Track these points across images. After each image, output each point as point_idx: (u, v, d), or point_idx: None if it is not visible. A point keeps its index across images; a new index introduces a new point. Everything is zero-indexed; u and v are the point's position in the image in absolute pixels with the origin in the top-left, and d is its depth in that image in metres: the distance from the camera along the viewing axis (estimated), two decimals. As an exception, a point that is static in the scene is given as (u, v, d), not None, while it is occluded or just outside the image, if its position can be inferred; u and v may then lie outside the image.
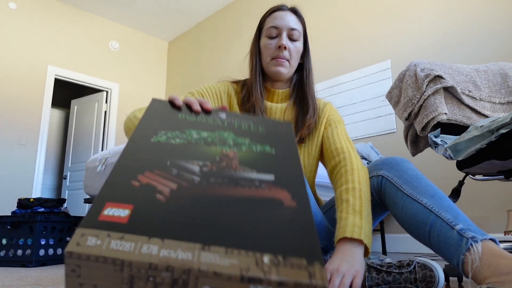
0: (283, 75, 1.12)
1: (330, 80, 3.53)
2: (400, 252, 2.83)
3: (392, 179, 0.92)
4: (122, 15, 5.12)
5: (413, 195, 0.86)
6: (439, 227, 0.78)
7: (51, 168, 6.18)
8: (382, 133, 3.07)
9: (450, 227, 0.76)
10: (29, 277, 1.45)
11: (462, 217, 0.78)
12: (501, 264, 0.67)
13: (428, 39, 2.96)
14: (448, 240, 0.75)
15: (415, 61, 1.34)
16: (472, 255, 0.70)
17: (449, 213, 0.79)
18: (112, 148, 2.61)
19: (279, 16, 1.14)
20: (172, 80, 5.62)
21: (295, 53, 1.14)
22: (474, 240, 0.72)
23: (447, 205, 0.81)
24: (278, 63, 1.11)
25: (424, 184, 0.87)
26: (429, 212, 0.81)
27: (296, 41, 1.14)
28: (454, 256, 0.74)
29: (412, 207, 0.85)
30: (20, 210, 2.16)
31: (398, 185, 0.90)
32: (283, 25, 1.12)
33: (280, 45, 1.10)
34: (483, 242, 0.72)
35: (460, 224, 0.76)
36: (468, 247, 0.71)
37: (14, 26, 4.37)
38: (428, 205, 0.82)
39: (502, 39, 2.58)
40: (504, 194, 2.42)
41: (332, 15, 3.64)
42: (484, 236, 0.73)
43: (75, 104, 5.36)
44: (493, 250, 0.70)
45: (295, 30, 1.13)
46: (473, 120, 1.26)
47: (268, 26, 1.14)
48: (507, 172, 1.18)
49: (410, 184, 0.88)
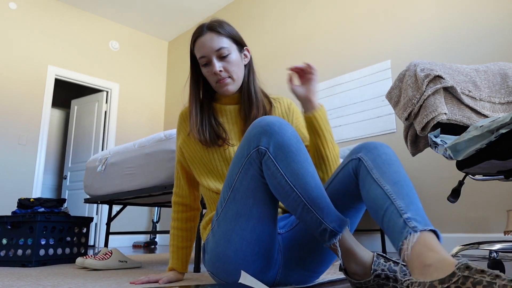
0: (231, 92, 1.20)
1: (330, 80, 3.53)
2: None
3: (366, 162, 0.95)
4: (122, 15, 5.12)
5: (378, 180, 0.89)
6: (390, 213, 0.82)
7: (51, 168, 6.18)
8: (382, 133, 3.08)
9: (400, 215, 0.80)
10: (29, 277, 1.45)
11: (414, 206, 0.81)
12: (427, 256, 0.71)
13: (428, 39, 2.96)
14: (394, 227, 0.79)
15: (415, 61, 1.34)
16: (406, 244, 0.74)
17: (403, 201, 0.82)
18: (112, 148, 2.61)
19: (202, 44, 1.18)
20: (172, 80, 5.62)
21: (233, 66, 1.18)
22: (414, 230, 0.75)
23: (405, 193, 0.84)
24: (222, 84, 1.18)
25: (392, 170, 0.90)
26: (386, 198, 0.84)
27: (227, 56, 1.18)
28: (395, 243, 0.78)
29: (375, 192, 0.88)
30: (20, 210, 2.16)
31: (369, 168, 0.93)
32: (208, 51, 1.17)
33: (215, 72, 1.16)
34: (422, 233, 0.75)
35: (409, 213, 0.79)
36: (406, 235, 0.75)
37: (14, 26, 4.37)
38: (388, 191, 0.85)
39: (502, 39, 2.58)
40: (504, 194, 2.42)
41: (332, 15, 3.64)
42: (425, 227, 0.76)
43: (75, 104, 5.36)
44: (427, 242, 0.74)
45: (221, 49, 1.17)
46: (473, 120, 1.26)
47: (198, 57, 1.19)
48: (507, 172, 1.18)
49: (379, 169, 0.91)
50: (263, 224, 0.97)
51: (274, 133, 0.92)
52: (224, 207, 1.01)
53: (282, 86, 3.98)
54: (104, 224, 4.73)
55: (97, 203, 2.42)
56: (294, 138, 0.93)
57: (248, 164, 0.96)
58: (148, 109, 5.45)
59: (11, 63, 4.29)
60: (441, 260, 0.69)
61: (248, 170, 0.96)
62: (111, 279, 1.36)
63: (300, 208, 0.89)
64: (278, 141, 0.91)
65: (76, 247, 2.23)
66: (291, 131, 0.94)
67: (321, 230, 0.87)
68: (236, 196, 0.98)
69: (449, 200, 1.27)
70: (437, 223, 2.68)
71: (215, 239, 1.03)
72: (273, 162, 0.91)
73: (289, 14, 4.06)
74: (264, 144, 0.92)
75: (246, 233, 0.97)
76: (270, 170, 0.91)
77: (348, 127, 3.31)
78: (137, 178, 2.01)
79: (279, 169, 0.90)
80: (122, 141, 5.10)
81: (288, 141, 0.91)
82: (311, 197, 0.88)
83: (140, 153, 2.00)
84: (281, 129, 0.93)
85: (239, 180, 0.98)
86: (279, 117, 1.00)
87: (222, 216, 1.02)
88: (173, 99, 5.49)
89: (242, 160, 0.97)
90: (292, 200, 0.89)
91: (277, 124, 0.93)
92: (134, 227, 5.00)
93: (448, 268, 0.67)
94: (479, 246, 1.24)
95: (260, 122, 0.95)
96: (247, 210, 0.97)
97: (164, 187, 1.85)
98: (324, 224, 0.87)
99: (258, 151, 0.93)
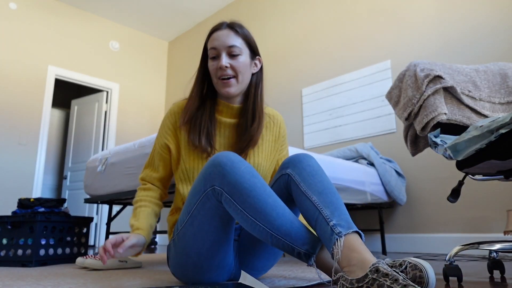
0: (232, 94, 1.17)
1: (330, 80, 3.53)
2: (400, 252, 2.83)
3: (294, 176, 1.02)
4: (122, 15, 5.12)
5: (306, 192, 0.97)
6: (320, 222, 0.90)
7: (51, 168, 6.18)
8: (382, 133, 3.08)
9: (327, 222, 0.89)
10: (29, 277, 1.45)
11: (338, 212, 0.90)
12: (353, 257, 0.82)
13: (428, 39, 2.96)
14: (325, 234, 0.88)
15: (415, 61, 1.34)
16: (336, 249, 0.84)
17: (328, 209, 0.91)
18: (112, 148, 2.62)
19: (216, 37, 1.17)
20: (172, 80, 5.62)
21: (241, 68, 1.17)
22: (339, 236, 0.85)
23: (330, 201, 0.93)
24: (224, 84, 1.16)
25: (317, 180, 0.98)
26: (315, 209, 0.93)
27: (238, 56, 1.16)
28: (328, 248, 0.87)
29: (305, 203, 0.96)
30: (20, 210, 2.16)
31: (298, 182, 1.00)
32: (220, 45, 1.16)
33: (220, 66, 1.14)
34: (346, 236, 0.85)
35: (334, 220, 0.88)
36: (334, 241, 0.85)
37: (14, 26, 4.37)
38: (315, 202, 0.94)
39: (502, 39, 2.58)
40: (503, 194, 2.42)
41: (332, 15, 3.65)
42: (348, 230, 0.85)
43: (75, 104, 5.36)
44: (351, 244, 0.83)
45: (233, 47, 1.16)
46: (472, 120, 1.26)
47: (209, 48, 1.18)
48: (507, 172, 1.18)
49: (306, 182, 0.99)
50: (218, 243, 1.03)
51: (227, 174, 0.95)
52: (183, 228, 1.06)
53: (282, 86, 3.98)
54: (104, 224, 4.73)
55: (97, 203, 2.42)
56: (248, 174, 0.95)
57: (205, 199, 1.00)
58: (148, 109, 5.45)
59: (11, 63, 4.29)
60: (362, 261, 0.80)
61: (205, 203, 1.00)
62: (111, 279, 1.36)
63: (270, 237, 0.92)
64: (231, 181, 0.94)
65: (76, 247, 2.23)
66: (243, 167, 0.96)
67: (296, 254, 0.92)
68: (194, 222, 1.03)
69: (449, 200, 1.27)
70: (437, 223, 2.69)
71: (175, 250, 1.09)
72: (231, 201, 0.94)
73: (289, 15, 4.06)
74: (218, 184, 0.96)
75: (202, 251, 1.03)
76: (231, 208, 0.95)
77: (348, 127, 3.31)
78: (137, 178, 2.01)
79: (238, 206, 0.93)
80: (122, 141, 5.10)
81: (240, 180, 0.93)
82: (276, 226, 0.91)
83: (140, 153, 2.00)
84: (233, 168, 0.95)
85: (197, 209, 1.02)
86: (233, 153, 1.00)
87: (181, 233, 1.07)
88: (173, 99, 5.49)
89: (199, 193, 1.01)
90: (260, 232, 0.93)
91: (229, 164, 0.96)
92: (134, 227, 4.99)
93: (365, 269, 0.78)
94: (479, 246, 1.24)
95: (214, 161, 0.98)
96: (203, 234, 1.02)
97: (164, 187, 1.85)
98: (297, 248, 0.91)
99: (214, 190, 0.97)
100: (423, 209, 2.77)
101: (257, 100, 1.22)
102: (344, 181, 2.32)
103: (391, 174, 2.70)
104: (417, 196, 2.82)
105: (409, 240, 2.79)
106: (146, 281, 1.30)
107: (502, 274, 1.42)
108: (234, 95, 1.18)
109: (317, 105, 3.59)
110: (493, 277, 1.34)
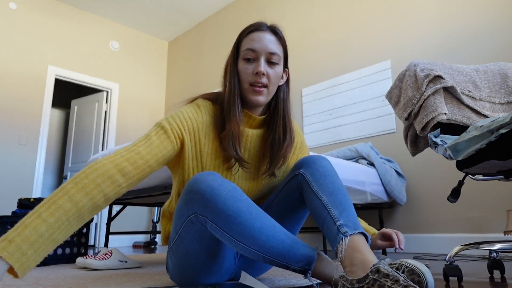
0: (260, 103, 1.07)
1: (330, 80, 3.53)
2: (400, 252, 2.83)
3: (307, 176, 1.02)
4: (122, 15, 5.12)
5: (317, 192, 0.98)
6: (327, 222, 0.92)
7: (51, 168, 6.18)
8: (382, 133, 3.08)
9: (334, 222, 0.90)
10: (29, 277, 1.45)
11: (346, 213, 0.92)
12: (355, 257, 0.83)
13: (428, 39, 2.96)
14: (331, 233, 0.90)
15: (415, 61, 1.34)
16: (340, 248, 0.85)
17: (337, 210, 0.92)
18: (112, 148, 2.61)
19: (257, 38, 1.06)
20: (172, 80, 5.62)
21: (274, 78, 1.07)
22: (345, 235, 0.86)
23: (339, 201, 0.94)
24: (256, 91, 1.05)
25: (328, 181, 0.99)
26: (323, 208, 0.94)
27: (276, 65, 1.07)
28: (333, 247, 0.89)
29: (315, 203, 0.97)
30: (20, 210, 2.16)
31: (310, 182, 1.01)
32: (261, 48, 1.05)
33: (258, 72, 1.03)
34: (352, 236, 0.86)
35: (341, 220, 0.90)
36: (339, 240, 0.86)
37: (14, 26, 4.37)
38: (324, 202, 0.95)
39: (502, 39, 2.58)
40: (503, 194, 2.42)
41: (332, 15, 3.64)
42: (353, 231, 0.87)
43: (75, 104, 5.36)
44: (356, 245, 0.85)
45: (275, 55, 1.06)
46: (473, 120, 1.26)
47: (245, 48, 1.07)
48: (507, 172, 1.18)
49: (317, 182, 0.99)
50: (213, 256, 1.02)
51: (207, 201, 0.90)
52: (174, 244, 1.05)
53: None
54: (104, 224, 4.73)
55: (97, 203, 2.41)
56: (230, 199, 0.90)
57: (190, 223, 0.97)
58: (148, 109, 5.45)
59: (11, 63, 4.29)
60: (363, 261, 0.81)
61: (191, 227, 0.98)
62: (111, 279, 1.36)
63: (263, 259, 0.91)
64: (213, 209, 0.90)
65: (76, 247, 2.23)
66: (225, 193, 0.90)
67: (293, 270, 0.92)
68: (183, 241, 1.01)
69: (449, 200, 1.27)
70: (437, 223, 2.69)
71: (172, 261, 1.08)
72: (217, 228, 0.91)
73: (288, 14, 4.06)
74: (201, 212, 0.92)
75: (198, 266, 1.03)
76: (218, 234, 0.92)
77: (348, 127, 3.31)
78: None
79: (225, 233, 0.90)
80: (122, 141, 5.10)
81: (223, 207, 0.89)
82: (267, 249, 0.89)
83: (140, 153, 2.00)
84: (213, 195, 0.90)
85: (184, 231, 1.00)
86: (212, 176, 0.93)
87: (174, 248, 1.06)
88: (173, 99, 5.49)
89: (184, 217, 0.98)
90: (252, 255, 0.91)
91: (208, 191, 0.90)
92: (134, 227, 5.00)
93: (366, 269, 0.79)
94: (479, 246, 1.25)
95: (192, 188, 0.93)
96: (195, 252, 1.01)
97: (164, 187, 1.85)
98: (291, 267, 0.91)
99: (197, 217, 0.94)
100: (423, 209, 2.77)
101: (286, 115, 1.13)
102: (344, 181, 2.32)
103: (391, 174, 2.70)
104: (417, 196, 2.82)
105: (409, 240, 2.79)
106: (146, 281, 1.30)
107: (502, 274, 1.42)
108: (262, 105, 1.08)
109: (317, 105, 3.59)
110: (493, 277, 1.34)
